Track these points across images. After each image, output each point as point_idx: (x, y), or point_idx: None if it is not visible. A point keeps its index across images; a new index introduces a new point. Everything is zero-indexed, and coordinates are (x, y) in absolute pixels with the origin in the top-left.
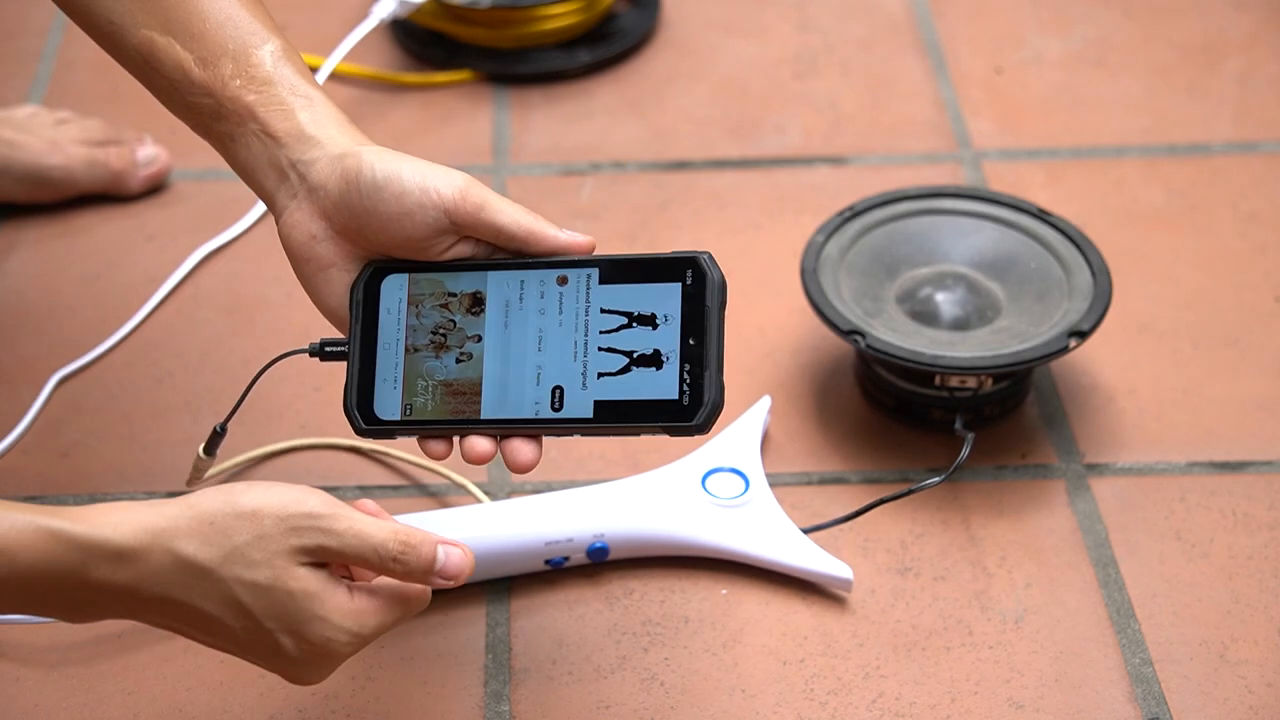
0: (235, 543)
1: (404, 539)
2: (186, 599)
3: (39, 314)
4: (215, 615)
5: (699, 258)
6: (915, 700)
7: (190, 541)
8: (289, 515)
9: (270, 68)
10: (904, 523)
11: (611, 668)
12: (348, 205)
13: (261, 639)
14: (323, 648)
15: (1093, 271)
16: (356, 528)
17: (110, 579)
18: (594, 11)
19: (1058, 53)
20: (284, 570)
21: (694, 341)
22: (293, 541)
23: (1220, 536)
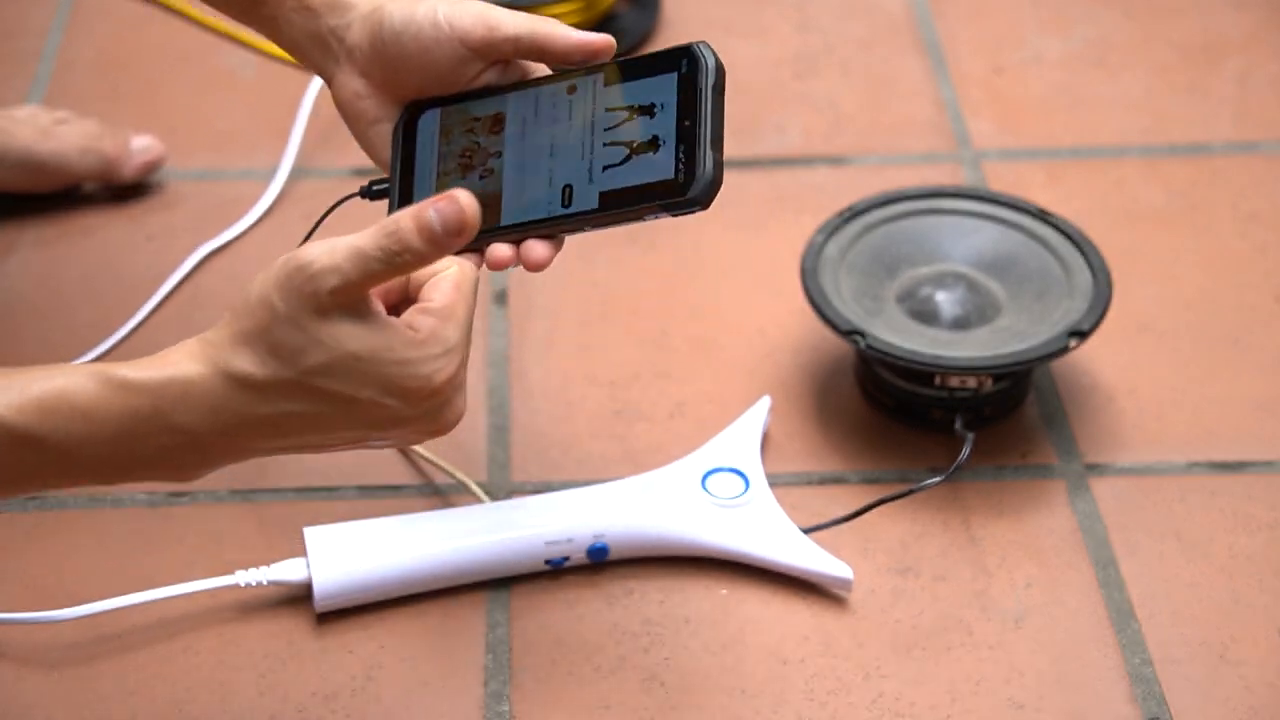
0: (273, 339)
1: (387, 229)
2: (274, 410)
3: (39, 314)
4: (312, 413)
5: (693, 45)
6: (915, 700)
7: (238, 356)
8: (286, 281)
9: None
10: (904, 523)
11: (611, 668)
12: (379, 58)
13: (372, 413)
14: (429, 385)
15: (1093, 271)
16: (345, 249)
17: (183, 419)
18: (594, 11)
19: (1058, 53)
20: (329, 336)
21: (689, 123)
22: (310, 305)
23: (1220, 536)
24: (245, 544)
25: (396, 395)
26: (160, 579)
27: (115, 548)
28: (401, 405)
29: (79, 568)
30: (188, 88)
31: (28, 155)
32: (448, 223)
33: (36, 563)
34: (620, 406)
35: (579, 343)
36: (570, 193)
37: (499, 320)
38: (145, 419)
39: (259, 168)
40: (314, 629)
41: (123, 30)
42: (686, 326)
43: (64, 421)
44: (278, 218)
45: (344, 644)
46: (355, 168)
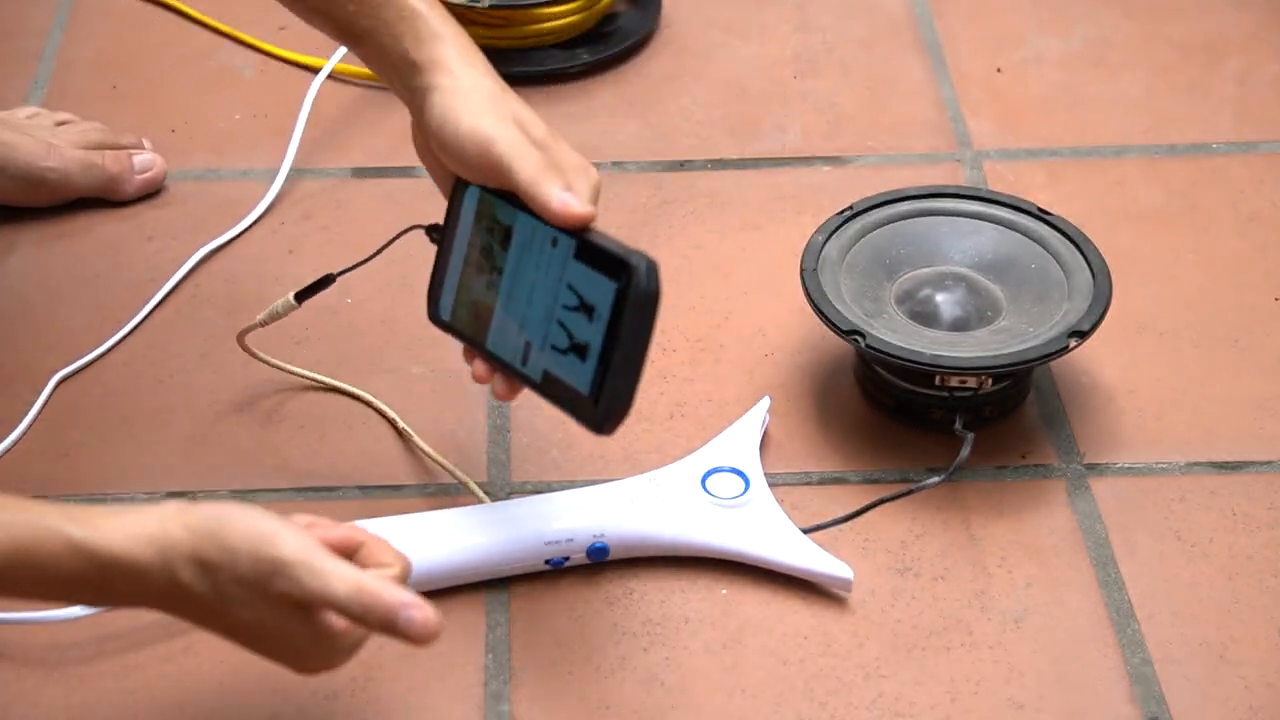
0: (221, 580)
1: (364, 602)
2: (199, 616)
3: (39, 314)
4: (219, 628)
5: (635, 265)
6: (915, 700)
7: (187, 569)
8: (260, 560)
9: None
10: (904, 523)
11: (611, 668)
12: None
13: (268, 650)
14: (317, 666)
15: (1093, 271)
16: (320, 584)
17: (129, 591)
18: (594, 11)
19: (1058, 53)
20: (267, 610)
21: (609, 346)
22: (269, 589)
23: (1220, 536)
24: None
25: (292, 660)
26: None
27: None
28: (292, 664)
29: None
30: (188, 88)
31: (30, 170)
32: (410, 632)
33: None
34: None
35: None
36: (527, 353)
37: None
38: (92, 586)
39: (259, 168)
40: None
41: (123, 30)
42: (686, 326)
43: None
44: (278, 218)
45: None
46: (355, 167)
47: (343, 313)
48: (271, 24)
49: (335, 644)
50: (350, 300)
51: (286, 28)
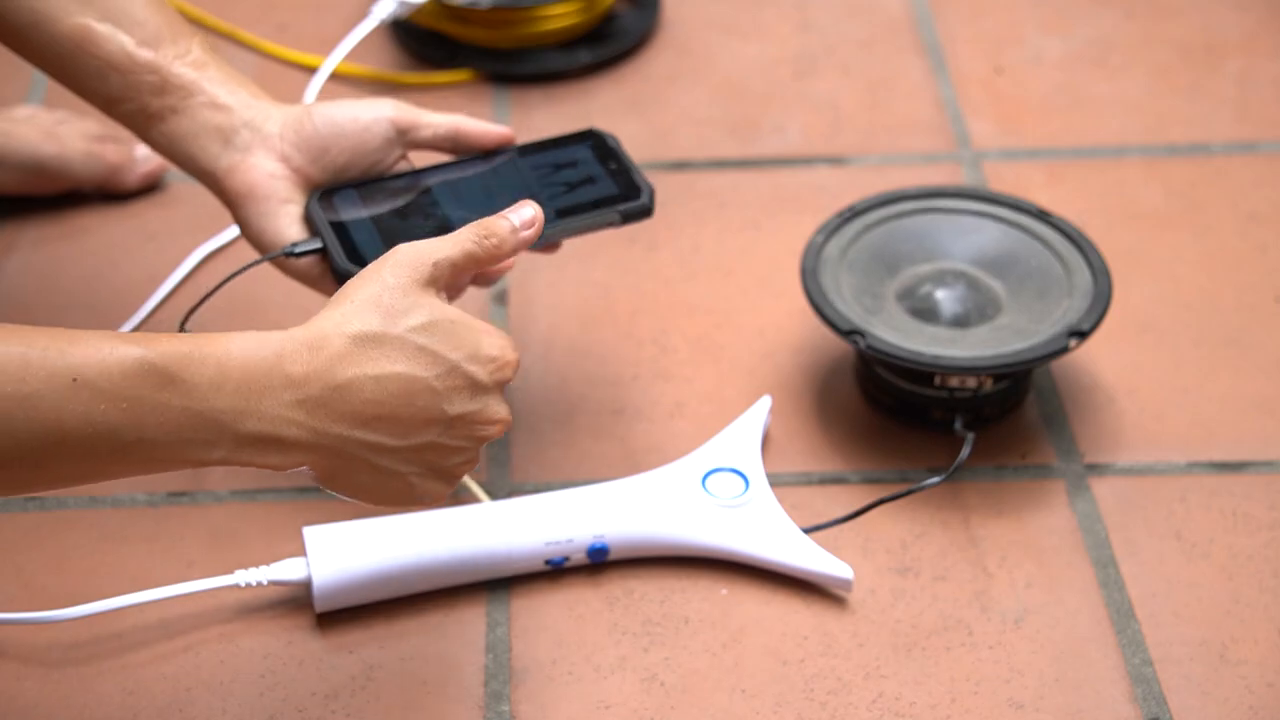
0: (384, 303)
1: (478, 224)
2: (379, 369)
3: (39, 314)
4: (407, 373)
5: (594, 130)
6: (915, 700)
7: (356, 318)
8: (394, 258)
9: (205, 55)
10: (904, 523)
11: (611, 668)
12: (307, 142)
13: (456, 379)
14: (505, 355)
15: (1093, 271)
16: (443, 238)
17: (308, 369)
18: (594, 11)
19: (1058, 53)
20: (429, 301)
21: (614, 165)
22: (416, 275)
23: (1220, 536)
24: (245, 544)
25: (479, 361)
26: (160, 579)
27: (115, 548)
28: (480, 371)
29: (79, 568)
30: None
31: (31, 158)
32: (524, 218)
33: (36, 563)
34: (620, 406)
35: (579, 343)
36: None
37: (499, 320)
38: (270, 368)
39: None
40: (314, 629)
41: None
42: (686, 326)
43: (204, 365)
44: None
45: (344, 644)
46: None
47: None
48: (271, 24)
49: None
50: None
51: (286, 28)
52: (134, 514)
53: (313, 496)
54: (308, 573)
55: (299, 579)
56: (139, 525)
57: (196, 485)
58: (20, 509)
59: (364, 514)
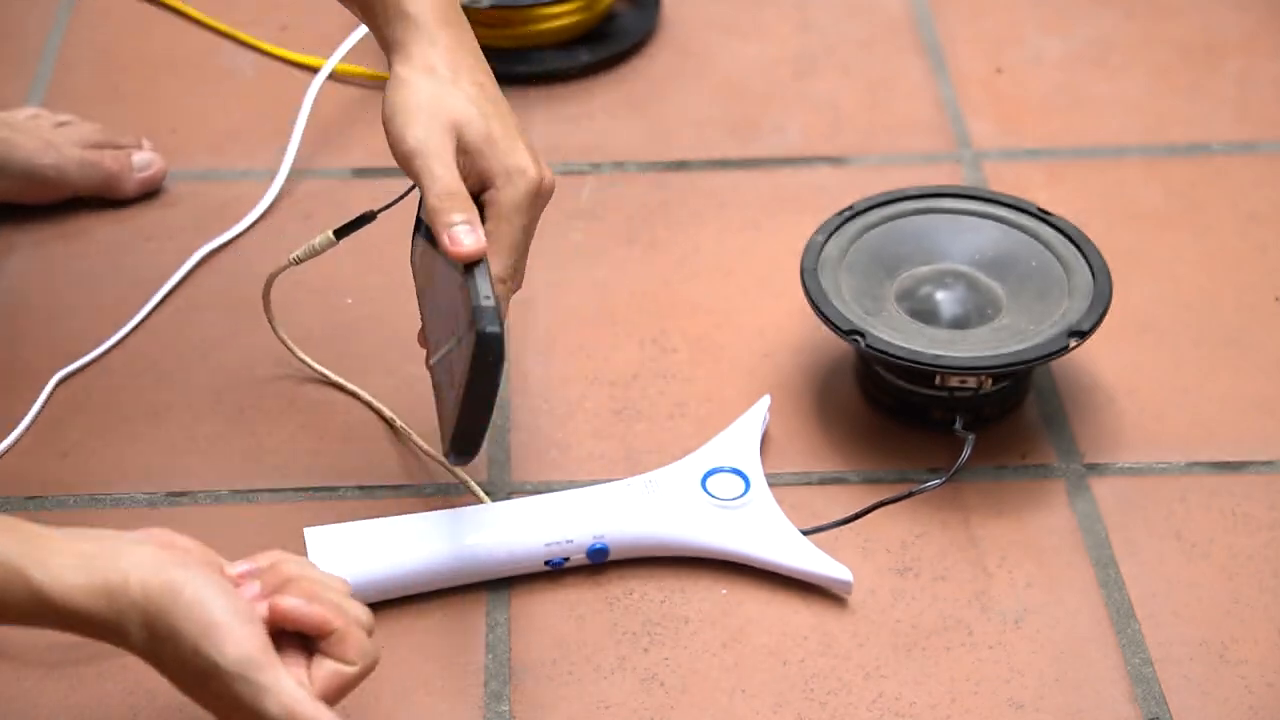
0: (165, 655)
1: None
2: (151, 661)
3: (39, 314)
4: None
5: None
6: (915, 700)
7: (137, 632)
8: (200, 656)
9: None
10: (904, 523)
11: (611, 668)
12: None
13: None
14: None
15: (1093, 271)
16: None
17: (83, 631)
18: (594, 11)
19: (1058, 53)
20: (205, 696)
21: (468, 379)
22: (206, 684)
23: (1220, 536)
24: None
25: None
26: None
27: None
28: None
29: None
30: (188, 88)
31: (29, 167)
32: None
33: None
34: (620, 406)
35: (579, 343)
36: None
37: None
38: (47, 622)
39: (259, 168)
40: None
41: (123, 30)
42: (686, 326)
43: None
44: (278, 218)
45: None
46: (355, 167)
47: (342, 313)
48: (271, 24)
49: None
50: (350, 300)
51: (286, 28)
52: (134, 514)
53: (313, 497)
54: None
55: None
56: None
57: (196, 485)
58: (20, 509)
59: (365, 515)
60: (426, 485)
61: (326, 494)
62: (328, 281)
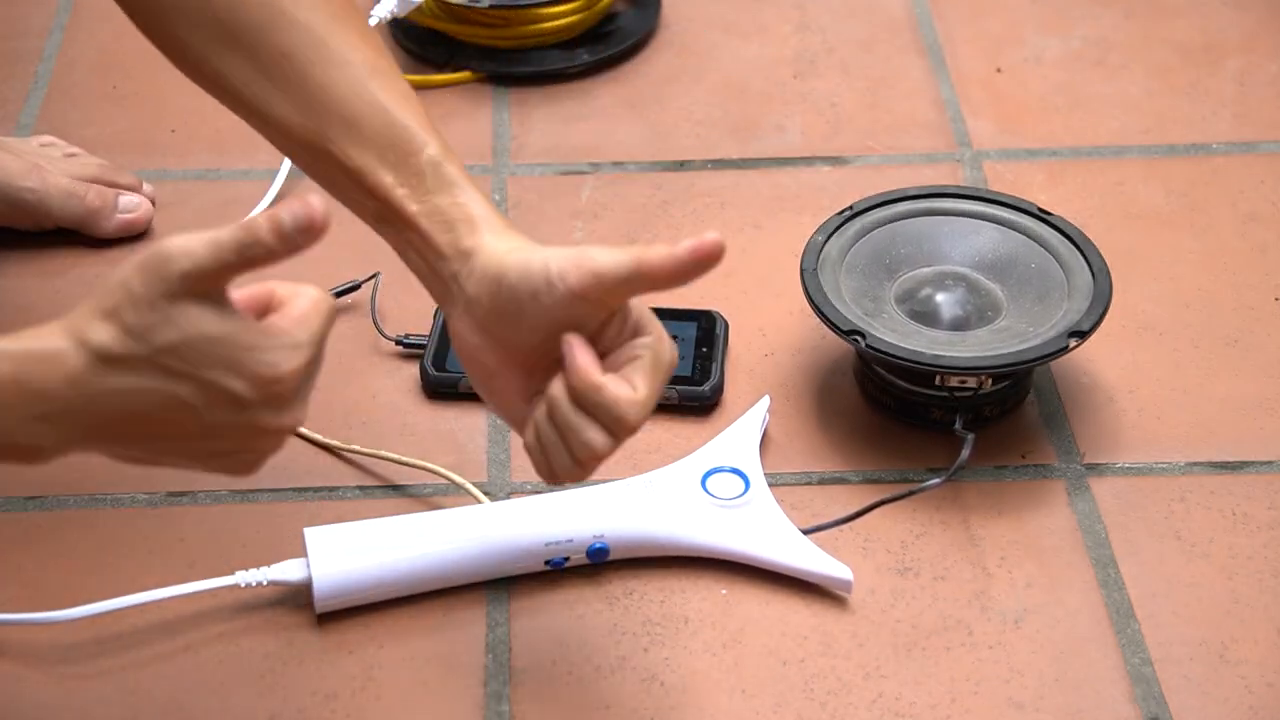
0: (129, 317)
1: (245, 222)
2: (126, 385)
3: (39, 315)
4: (161, 390)
5: (712, 313)
6: (915, 700)
7: (96, 330)
8: (143, 263)
9: (430, 176)
10: (904, 523)
11: (611, 668)
12: (497, 313)
13: (216, 395)
14: (274, 370)
15: (1093, 272)
16: (202, 238)
17: (47, 386)
18: (594, 11)
19: (1058, 53)
20: (180, 316)
21: (705, 349)
22: (163, 287)
23: (1220, 536)
24: (245, 544)
25: (242, 377)
26: (160, 579)
27: (115, 548)
28: (246, 388)
29: (79, 568)
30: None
31: (9, 189)
32: (297, 220)
33: (36, 563)
34: None
35: None
36: None
37: None
38: (7, 384)
39: (259, 168)
40: (314, 629)
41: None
42: None
43: None
44: None
45: (344, 644)
46: None
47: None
48: None
49: (282, 350)
50: (349, 301)
51: None
52: (134, 514)
53: (313, 496)
54: (308, 573)
55: (299, 579)
56: (139, 525)
57: (196, 485)
58: (20, 509)
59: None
60: (427, 485)
61: (326, 494)
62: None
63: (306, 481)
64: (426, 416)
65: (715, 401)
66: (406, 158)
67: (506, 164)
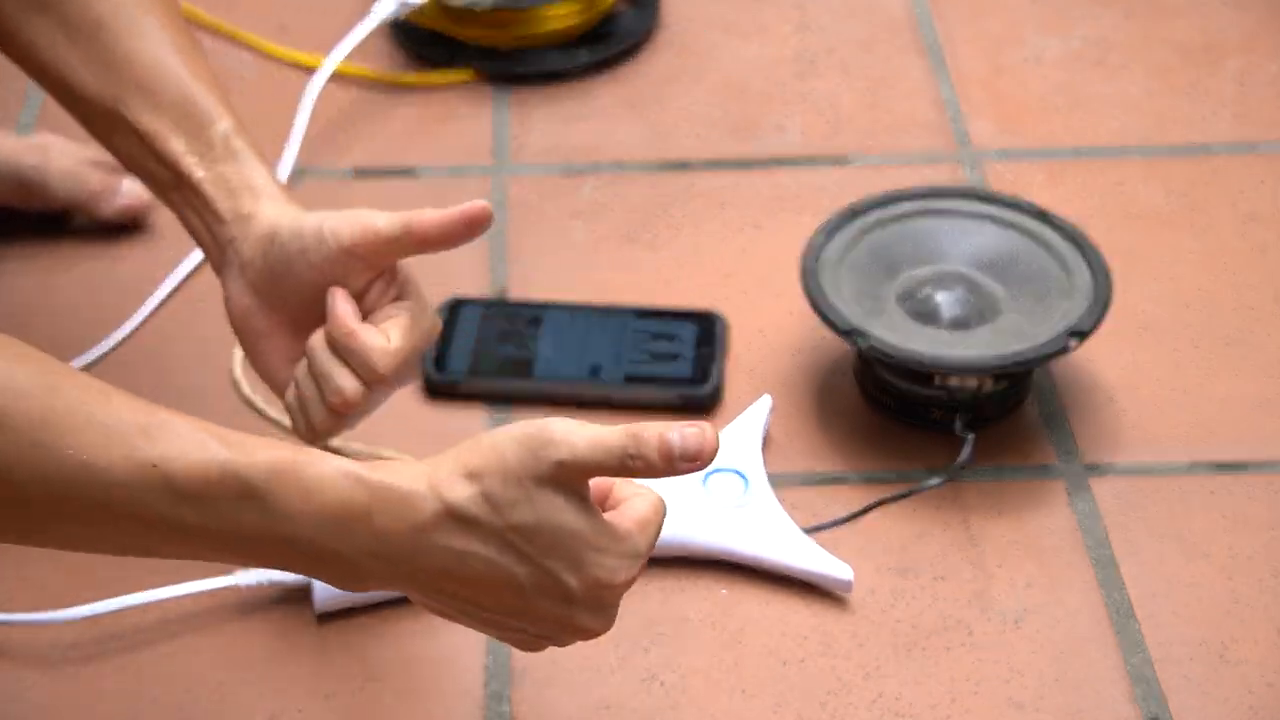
0: (493, 486)
1: (634, 432)
2: (464, 548)
3: (37, 315)
4: (496, 563)
5: (712, 314)
6: (915, 700)
7: (458, 488)
8: (523, 439)
9: (219, 146)
10: (904, 523)
11: (611, 668)
12: (270, 274)
13: (549, 585)
14: (611, 579)
15: (1093, 271)
16: (587, 433)
17: (392, 526)
18: (594, 11)
19: (1058, 53)
20: (545, 502)
21: (705, 350)
22: (536, 469)
23: (1220, 536)
24: None
25: (578, 577)
26: (160, 579)
27: None
28: (579, 586)
29: (79, 568)
30: None
31: (10, 165)
32: (687, 449)
33: (36, 563)
34: None
35: None
36: (598, 371)
37: None
38: (356, 514)
39: None
40: (314, 629)
41: None
42: None
43: (288, 489)
44: None
45: (344, 644)
46: (356, 167)
47: None
48: (271, 24)
49: (620, 558)
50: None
51: (286, 28)
52: None
53: None
54: None
55: (299, 579)
56: None
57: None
58: None
59: None
60: None
61: None
62: None
63: None
64: (426, 416)
65: (715, 402)
66: (199, 129)
67: (506, 164)
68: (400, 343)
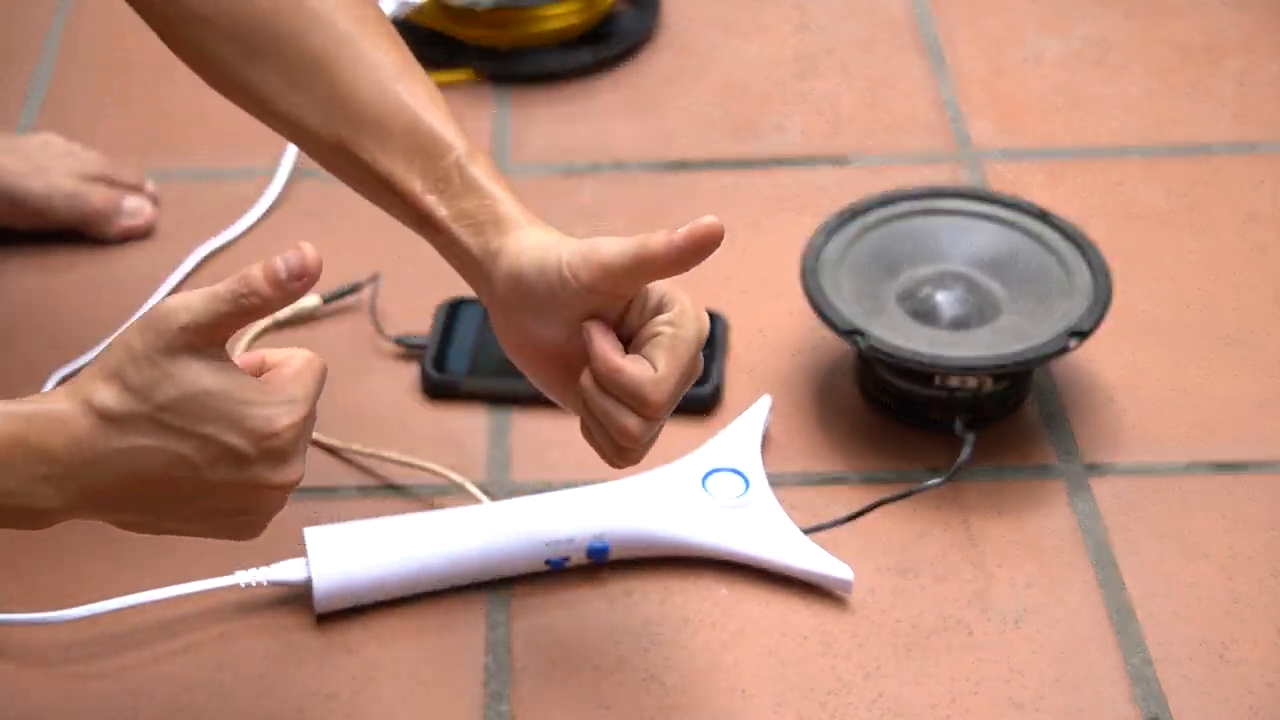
0: (129, 375)
1: (239, 275)
2: (128, 444)
3: (39, 313)
4: (161, 449)
5: (712, 313)
6: (915, 700)
7: (99, 391)
8: (144, 321)
9: (457, 179)
10: (904, 523)
11: (611, 668)
12: (528, 311)
13: (215, 451)
14: (270, 426)
15: (1093, 271)
16: (199, 293)
17: (53, 445)
18: (594, 11)
19: (1058, 53)
20: (179, 371)
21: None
22: (162, 342)
23: (1220, 536)
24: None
25: (239, 433)
26: (160, 579)
27: (115, 548)
28: (244, 443)
29: (79, 568)
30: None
31: (12, 190)
32: (291, 268)
33: (36, 563)
34: None
35: None
36: None
37: None
38: (15, 443)
39: (259, 168)
40: (314, 629)
41: (123, 30)
42: None
43: None
44: (278, 218)
45: (344, 644)
46: None
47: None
48: None
49: (278, 406)
50: (350, 302)
51: None
52: None
53: (313, 496)
54: (308, 573)
55: (299, 579)
56: None
57: None
58: None
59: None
60: (427, 485)
61: (326, 494)
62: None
63: (306, 481)
64: (426, 416)
65: (715, 402)
66: (434, 161)
67: (507, 164)
68: (667, 368)
